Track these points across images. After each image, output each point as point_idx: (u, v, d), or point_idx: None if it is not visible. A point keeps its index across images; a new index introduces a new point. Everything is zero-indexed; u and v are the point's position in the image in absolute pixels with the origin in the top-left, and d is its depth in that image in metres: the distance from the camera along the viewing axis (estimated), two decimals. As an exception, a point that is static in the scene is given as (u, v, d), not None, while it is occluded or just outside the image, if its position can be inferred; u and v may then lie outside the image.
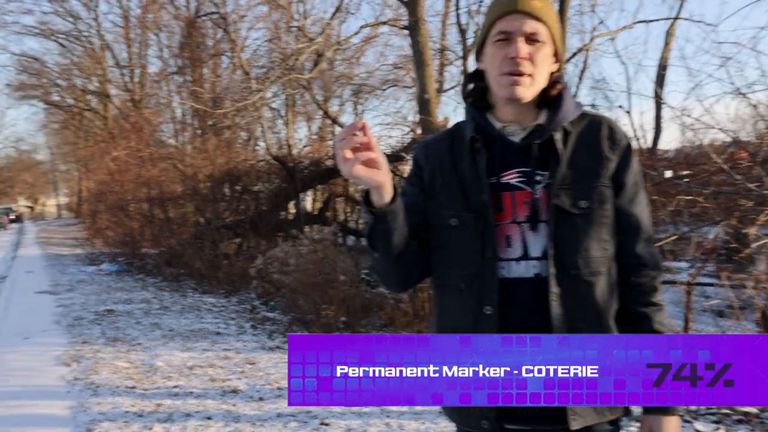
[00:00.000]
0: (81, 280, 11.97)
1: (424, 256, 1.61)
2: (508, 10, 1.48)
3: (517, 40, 1.47)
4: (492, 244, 1.50)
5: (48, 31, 26.95)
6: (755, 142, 5.28)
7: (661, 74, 10.82)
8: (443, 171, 1.61)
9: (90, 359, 6.03)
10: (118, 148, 16.87)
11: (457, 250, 1.55)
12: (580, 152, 1.52)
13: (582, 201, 1.48)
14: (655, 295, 1.56)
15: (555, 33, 1.52)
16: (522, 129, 1.55)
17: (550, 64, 1.54)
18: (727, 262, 5.91)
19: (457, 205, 1.56)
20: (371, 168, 1.37)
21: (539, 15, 1.48)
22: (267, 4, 13.99)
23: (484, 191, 1.52)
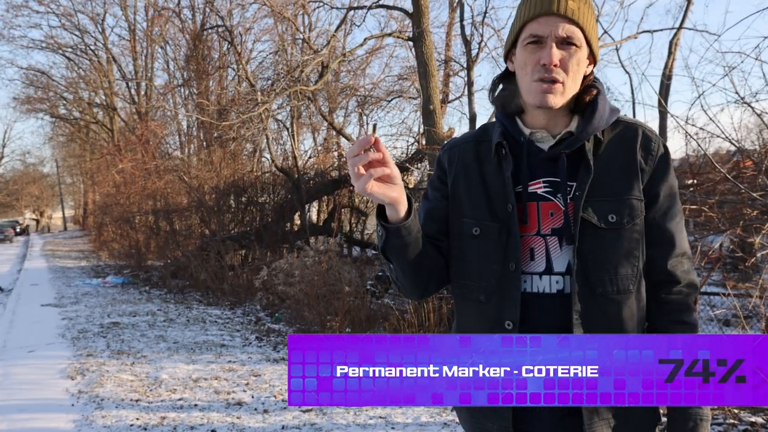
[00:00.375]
0: (86, 292, 11.98)
1: (443, 265, 1.56)
2: (542, 11, 1.38)
3: (551, 44, 1.38)
4: (515, 257, 1.44)
5: (55, 45, 27.19)
6: (760, 151, 5.26)
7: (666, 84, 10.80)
8: (467, 176, 1.54)
9: (95, 372, 6.02)
10: (124, 161, 16.96)
11: (478, 261, 1.50)
12: (611, 163, 1.44)
13: (611, 215, 1.40)
14: (688, 314, 1.46)
15: (591, 34, 1.41)
16: (552, 136, 1.47)
17: (584, 69, 1.44)
18: (733, 271, 5.88)
19: (479, 214, 1.50)
20: (385, 183, 1.31)
21: (574, 17, 1.38)
22: (272, 17, 14.08)
23: (510, 200, 1.45)
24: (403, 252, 1.44)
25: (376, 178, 1.28)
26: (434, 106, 8.76)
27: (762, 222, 4.42)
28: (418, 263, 1.47)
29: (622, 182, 1.42)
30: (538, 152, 1.47)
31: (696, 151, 5.97)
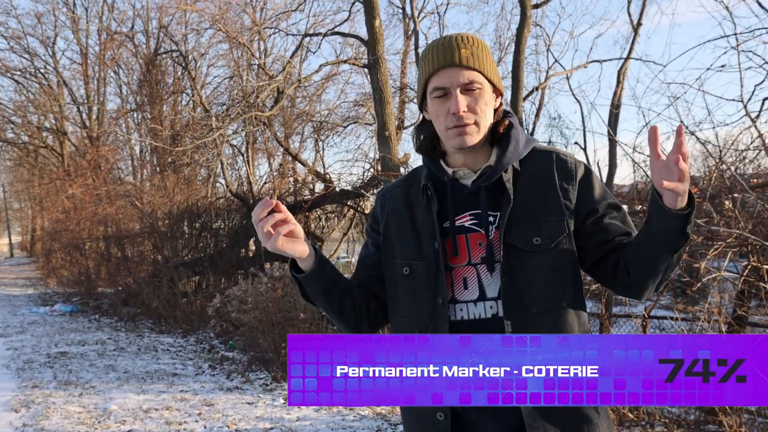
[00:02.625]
0: (33, 321, 11.59)
1: (375, 307, 1.69)
2: (441, 65, 1.50)
3: (455, 94, 1.49)
4: (442, 292, 1.53)
5: (3, 68, 26.50)
6: (704, 178, 5.44)
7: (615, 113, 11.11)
8: (397, 219, 1.66)
9: (40, 404, 5.82)
10: (74, 186, 16.58)
11: (410, 299, 1.59)
12: (531, 189, 1.54)
13: (535, 238, 1.49)
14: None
15: (490, 72, 1.53)
16: (473, 172, 1.58)
17: (492, 105, 1.56)
18: (681, 296, 6.03)
19: (409, 254, 1.60)
20: (292, 239, 1.47)
21: (471, 63, 1.49)
22: (228, 42, 14.06)
23: (436, 238, 1.55)
24: (320, 296, 1.60)
25: (283, 235, 1.43)
26: (390, 133, 8.84)
27: (707, 248, 4.56)
28: (340, 304, 1.63)
29: (541, 206, 1.52)
30: (462, 189, 1.58)
31: (644, 178, 6.13)
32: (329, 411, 5.52)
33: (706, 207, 4.77)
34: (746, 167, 5.77)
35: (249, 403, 5.79)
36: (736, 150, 5.18)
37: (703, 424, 4.58)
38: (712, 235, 4.59)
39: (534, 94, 11.74)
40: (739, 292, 4.97)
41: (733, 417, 4.03)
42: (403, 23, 13.83)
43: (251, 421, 5.24)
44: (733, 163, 5.31)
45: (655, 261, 1.42)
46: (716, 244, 4.53)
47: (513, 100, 9.06)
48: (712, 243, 4.61)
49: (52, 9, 25.47)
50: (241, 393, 6.18)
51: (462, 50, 1.49)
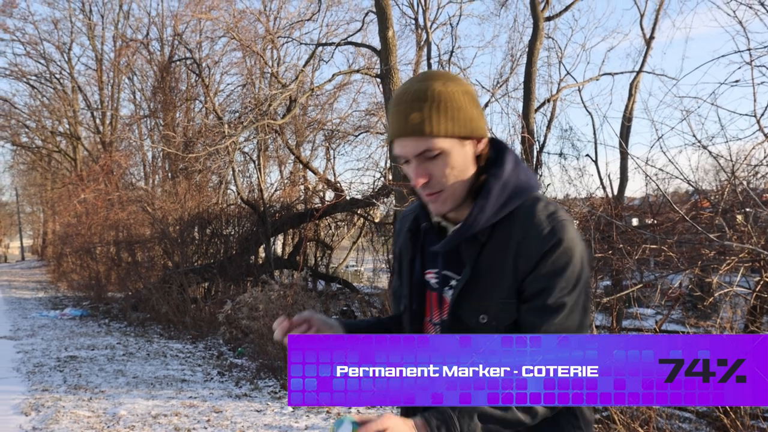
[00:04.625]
0: (43, 325, 11.66)
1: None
2: (394, 135, 1.40)
3: (414, 164, 1.39)
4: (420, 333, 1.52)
5: (19, 73, 26.81)
6: (716, 192, 5.42)
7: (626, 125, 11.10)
8: (402, 253, 1.62)
9: (50, 408, 5.85)
10: (86, 191, 16.70)
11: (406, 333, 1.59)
12: (491, 260, 1.41)
13: (482, 315, 1.41)
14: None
15: (453, 129, 1.36)
16: (454, 225, 1.47)
17: (464, 161, 1.40)
18: (692, 310, 6.00)
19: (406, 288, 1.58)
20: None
21: (423, 130, 1.35)
22: (241, 51, 14.16)
23: (407, 286, 1.55)
24: None
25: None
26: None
27: (719, 262, 4.54)
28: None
29: (495, 283, 1.40)
30: (433, 243, 1.51)
31: (656, 191, 6.12)
32: (337, 419, 5.51)
33: (718, 221, 4.75)
34: (759, 182, 5.74)
35: (257, 411, 5.80)
36: (749, 165, 5.15)
37: (714, 440, 4.54)
38: (724, 250, 4.57)
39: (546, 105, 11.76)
40: (751, 307, 4.94)
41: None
42: (416, 34, 13.92)
43: (259, 429, 5.25)
44: (746, 178, 5.28)
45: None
46: (728, 259, 4.50)
47: (525, 111, 9.07)
48: (724, 258, 4.59)
49: (69, 15, 25.79)
50: (250, 400, 6.19)
51: (411, 115, 1.35)
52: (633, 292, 5.72)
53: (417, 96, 1.36)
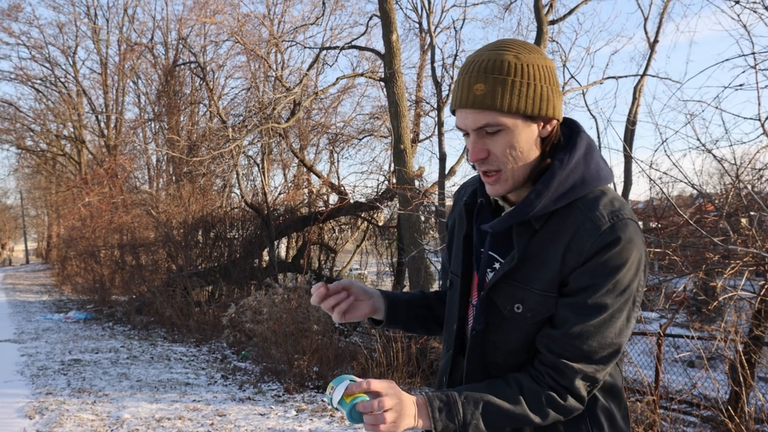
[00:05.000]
0: (47, 328, 11.69)
1: None
2: (455, 105, 1.30)
3: (473, 139, 1.29)
4: (462, 316, 1.47)
5: (24, 77, 26.93)
6: (721, 196, 5.41)
7: (630, 129, 11.08)
8: (460, 223, 1.53)
9: (54, 411, 5.85)
10: (90, 194, 16.75)
11: (447, 313, 1.55)
12: (540, 248, 1.31)
13: (517, 305, 1.32)
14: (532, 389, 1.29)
15: (520, 106, 1.25)
16: (511, 206, 1.38)
17: (528, 143, 1.29)
18: (697, 314, 5.98)
19: (455, 266, 1.51)
20: (356, 302, 1.52)
21: (485, 104, 1.24)
22: (245, 54, 14.19)
23: (460, 261, 1.47)
24: (401, 329, 1.65)
25: (347, 308, 1.48)
26: (405, 146, 8.87)
27: (723, 266, 4.53)
28: (425, 328, 1.68)
29: (538, 273, 1.30)
30: (489, 220, 1.41)
31: (660, 195, 6.11)
32: (341, 424, 5.51)
33: (723, 225, 4.75)
34: (763, 185, 5.73)
35: (261, 414, 5.80)
36: (753, 168, 5.15)
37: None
38: (728, 253, 4.56)
39: (550, 109, 11.72)
40: (756, 311, 4.93)
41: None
42: (420, 37, 13.91)
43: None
44: (750, 182, 5.27)
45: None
46: (733, 263, 4.49)
47: (529, 115, 9.06)
48: (728, 262, 4.57)
49: (74, 19, 25.91)
50: (254, 404, 6.18)
51: (476, 86, 1.25)
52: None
53: (485, 66, 1.25)
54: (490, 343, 1.38)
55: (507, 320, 1.35)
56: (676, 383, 6.10)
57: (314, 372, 6.97)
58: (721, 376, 5.13)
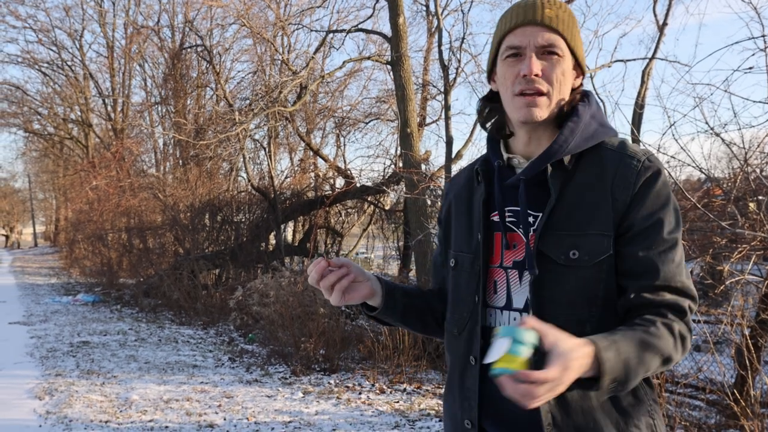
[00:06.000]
0: (56, 310, 11.78)
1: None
2: (519, 22, 1.32)
3: (530, 55, 1.31)
4: (482, 289, 1.41)
5: (31, 60, 26.94)
6: (729, 180, 5.39)
7: (638, 113, 11.00)
8: (457, 205, 1.54)
9: (63, 392, 5.92)
10: (98, 177, 16.78)
11: (454, 293, 1.50)
12: (581, 193, 1.32)
13: (573, 251, 1.29)
14: (667, 324, 1.23)
15: (575, 43, 1.34)
16: (527, 160, 1.39)
17: (570, 80, 1.36)
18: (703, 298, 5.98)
19: (458, 244, 1.50)
20: (355, 284, 1.42)
21: (554, 24, 1.31)
22: (252, 38, 14.14)
23: (478, 229, 1.42)
24: (398, 322, 1.56)
25: (345, 288, 1.39)
26: (411, 129, 8.83)
27: (731, 250, 4.51)
28: (421, 322, 1.59)
29: (589, 215, 1.30)
30: (509, 178, 1.40)
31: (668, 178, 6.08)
32: (348, 405, 5.55)
33: (731, 209, 4.72)
34: (772, 170, 5.69)
35: (268, 396, 5.84)
36: (762, 152, 5.11)
37: (724, 428, 4.54)
38: (736, 237, 4.54)
39: (557, 92, 11.66)
40: (763, 295, 4.92)
41: (755, 421, 3.99)
42: (427, 20, 13.81)
43: (270, 414, 5.29)
44: (759, 165, 5.24)
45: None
46: (740, 247, 4.48)
47: (536, 98, 9.01)
48: (736, 246, 4.56)
49: (81, 2, 25.82)
50: (261, 386, 6.23)
51: (546, 9, 1.31)
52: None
53: (550, 1, 1.34)
54: (547, 299, 1.31)
55: (562, 270, 1.30)
56: (682, 367, 6.11)
57: (321, 355, 7.01)
58: (727, 360, 5.13)
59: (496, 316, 1.40)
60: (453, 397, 1.49)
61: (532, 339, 1.06)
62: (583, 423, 1.28)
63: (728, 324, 4.49)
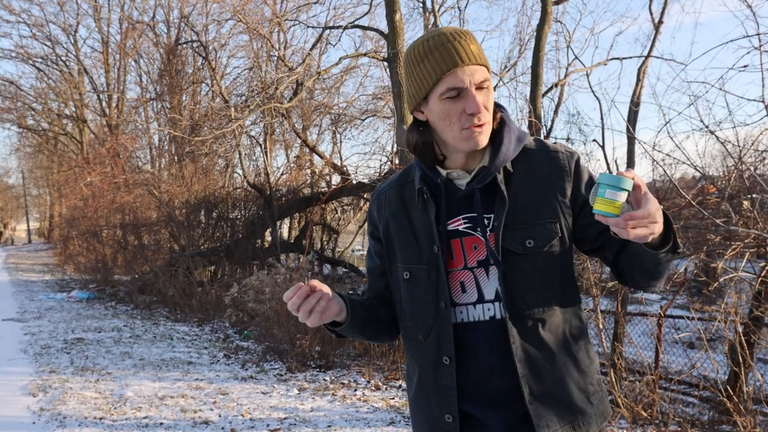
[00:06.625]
0: (50, 307, 11.75)
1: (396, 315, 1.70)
2: (454, 64, 1.42)
3: (473, 94, 1.43)
4: (445, 295, 1.53)
5: (25, 55, 26.81)
6: (723, 178, 5.40)
7: (634, 110, 11.03)
8: (397, 221, 1.64)
9: (57, 389, 5.90)
10: (92, 174, 16.74)
11: (412, 303, 1.60)
12: (524, 190, 1.52)
13: (528, 240, 1.48)
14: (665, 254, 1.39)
15: (489, 68, 1.50)
16: (467, 173, 1.55)
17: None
18: (697, 295, 6.00)
19: (409, 257, 1.59)
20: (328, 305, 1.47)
21: (480, 60, 1.44)
22: (248, 34, 14.11)
23: (435, 242, 1.54)
24: (357, 335, 1.64)
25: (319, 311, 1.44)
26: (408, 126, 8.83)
27: (725, 248, 4.53)
28: (376, 331, 1.67)
29: (535, 208, 1.50)
30: (456, 191, 1.55)
31: (662, 176, 6.10)
32: (343, 402, 5.55)
33: (725, 207, 4.74)
34: (766, 168, 5.72)
35: (263, 393, 5.84)
36: (756, 150, 5.13)
37: (717, 424, 4.56)
38: (730, 235, 4.56)
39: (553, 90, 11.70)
40: (756, 293, 4.94)
41: (748, 417, 4.02)
42: (424, 17, 13.79)
43: (265, 411, 5.29)
44: (753, 164, 5.26)
45: (653, 271, 1.44)
46: (734, 245, 4.49)
47: (532, 95, 9.02)
48: (730, 243, 4.58)
49: (75, -3, 25.67)
50: (256, 383, 6.23)
51: (471, 46, 1.43)
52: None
53: (460, 34, 1.45)
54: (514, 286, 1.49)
55: (521, 259, 1.48)
56: (676, 364, 6.14)
57: (316, 351, 7.01)
58: (720, 356, 5.16)
59: (468, 312, 1.54)
60: (426, 397, 1.61)
61: (627, 186, 1.25)
62: (553, 388, 1.49)
63: (722, 321, 4.51)
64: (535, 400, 1.48)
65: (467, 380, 1.53)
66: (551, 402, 1.49)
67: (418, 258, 1.57)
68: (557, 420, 1.49)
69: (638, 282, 1.52)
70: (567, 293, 1.54)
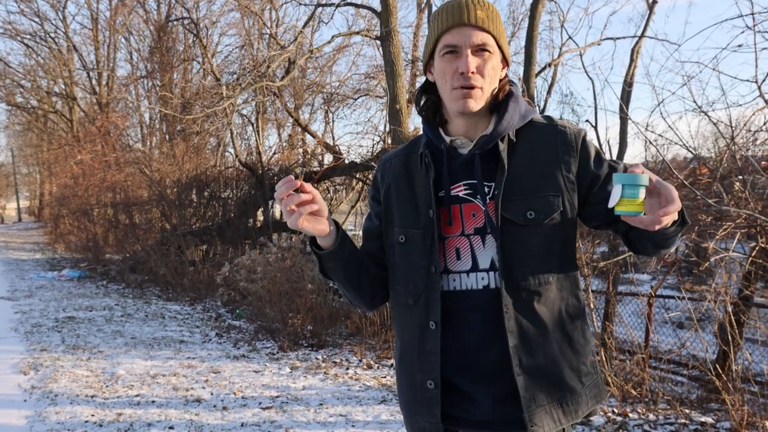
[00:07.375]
0: (41, 285, 11.72)
1: (384, 277, 1.69)
2: (454, 23, 1.48)
3: (466, 53, 1.47)
4: (436, 260, 1.53)
5: (13, 31, 26.42)
6: (715, 158, 5.41)
7: (627, 91, 11.02)
8: (397, 187, 1.65)
9: (49, 367, 5.90)
10: (83, 152, 16.61)
11: (405, 267, 1.60)
12: (528, 161, 1.53)
13: (529, 212, 1.49)
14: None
15: (501, 39, 1.52)
16: (471, 141, 1.57)
17: (499, 72, 1.55)
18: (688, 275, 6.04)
19: (406, 222, 1.60)
20: (315, 217, 1.46)
21: (485, 26, 1.48)
22: (239, 11, 13.96)
23: (431, 206, 1.55)
24: (339, 271, 1.60)
25: (306, 214, 1.41)
26: (400, 106, 8.80)
27: (716, 228, 4.55)
28: (357, 278, 1.63)
29: (538, 180, 1.51)
30: (458, 157, 1.57)
31: (655, 156, 6.10)
32: (335, 381, 5.58)
33: (717, 187, 4.75)
34: (758, 149, 5.73)
35: (255, 372, 5.86)
36: (749, 131, 5.13)
37: (706, 402, 4.61)
38: (721, 215, 4.57)
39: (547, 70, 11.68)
40: (746, 273, 4.98)
41: (736, 396, 4.06)
42: (417, -5, 13.69)
43: (257, 389, 5.31)
44: (745, 145, 5.27)
45: (663, 243, 1.46)
46: (725, 225, 4.51)
47: (525, 75, 8.99)
48: (721, 223, 4.60)
49: (63, -27, 25.30)
50: (248, 361, 6.24)
51: (478, 11, 1.47)
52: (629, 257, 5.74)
53: (481, 3, 1.49)
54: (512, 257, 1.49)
55: (521, 230, 1.49)
56: (666, 343, 6.19)
57: (308, 330, 7.03)
58: (709, 336, 5.20)
59: (461, 280, 1.53)
60: (410, 362, 1.61)
61: (645, 181, 1.26)
62: (544, 363, 1.49)
63: (712, 300, 4.54)
64: (524, 373, 1.48)
65: (455, 349, 1.53)
66: (541, 377, 1.49)
67: (416, 223, 1.58)
68: (545, 396, 1.49)
69: (649, 252, 1.54)
70: (565, 269, 1.54)
